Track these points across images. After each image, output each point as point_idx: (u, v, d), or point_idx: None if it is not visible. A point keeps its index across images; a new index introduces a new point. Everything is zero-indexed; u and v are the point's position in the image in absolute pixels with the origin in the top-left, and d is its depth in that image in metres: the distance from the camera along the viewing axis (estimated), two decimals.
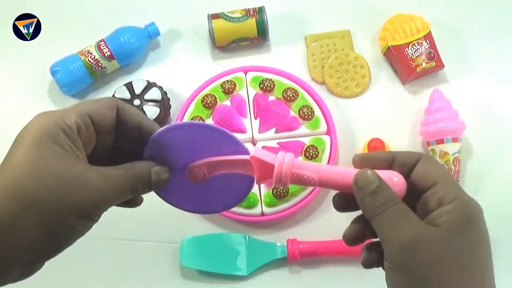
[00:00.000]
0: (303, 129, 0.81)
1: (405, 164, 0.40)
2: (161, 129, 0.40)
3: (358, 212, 0.42)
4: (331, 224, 0.79)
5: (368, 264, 0.42)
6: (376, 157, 0.41)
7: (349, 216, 0.44)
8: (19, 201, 0.33)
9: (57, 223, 0.34)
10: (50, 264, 0.38)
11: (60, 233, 0.35)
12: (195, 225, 0.80)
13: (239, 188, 0.42)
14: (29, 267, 0.36)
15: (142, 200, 0.44)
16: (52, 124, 0.35)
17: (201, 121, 0.80)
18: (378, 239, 0.39)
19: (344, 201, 0.42)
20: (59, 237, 0.35)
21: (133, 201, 0.43)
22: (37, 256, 0.35)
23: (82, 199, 0.35)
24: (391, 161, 0.41)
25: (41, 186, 0.34)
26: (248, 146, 0.41)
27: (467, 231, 0.36)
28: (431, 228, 0.36)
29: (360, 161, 0.41)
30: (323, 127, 0.81)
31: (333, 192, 0.43)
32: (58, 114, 0.36)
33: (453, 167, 0.78)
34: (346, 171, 0.40)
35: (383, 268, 0.40)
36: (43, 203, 0.34)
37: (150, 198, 0.45)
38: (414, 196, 0.39)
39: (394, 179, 0.39)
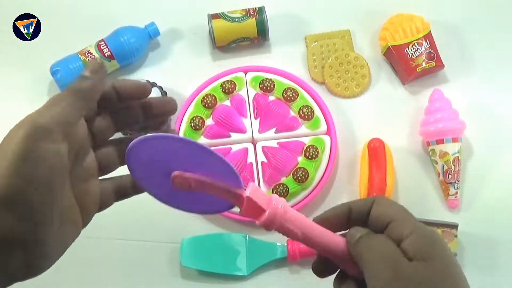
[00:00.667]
0: (303, 129, 0.81)
1: (361, 211, 0.41)
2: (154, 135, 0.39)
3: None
4: None
5: (317, 271, 0.43)
6: (334, 213, 0.42)
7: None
8: None
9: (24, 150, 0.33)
10: (55, 264, 0.38)
11: (30, 158, 0.33)
12: (195, 225, 0.80)
13: (222, 203, 0.42)
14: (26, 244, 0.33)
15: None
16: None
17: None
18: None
19: (324, 266, 0.43)
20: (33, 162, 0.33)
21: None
22: (22, 228, 0.33)
23: (42, 124, 0.34)
24: (348, 212, 0.42)
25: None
26: (249, 146, 0.41)
27: (435, 254, 0.37)
28: (407, 263, 0.37)
29: (321, 222, 0.42)
30: (323, 127, 0.81)
31: (333, 195, 0.43)
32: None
33: (453, 167, 0.78)
34: (330, 235, 0.41)
35: None
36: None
37: (150, 199, 0.45)
38: None
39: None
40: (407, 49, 0.82)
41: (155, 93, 0.80)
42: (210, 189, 0.39)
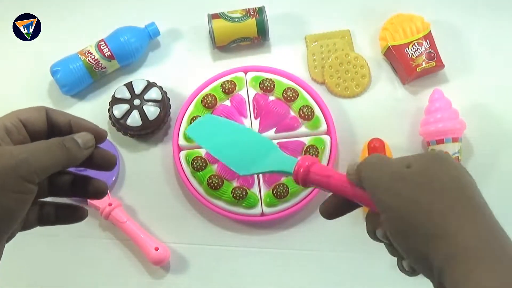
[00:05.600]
0: (303, 129, 0.81)
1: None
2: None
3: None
4: (332, 225, 0.79)
5: (370, 230, 0.43)
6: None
7: (349, 219, 0.44)
8: None
9: None
10: (50, 264, 0.38)
11: None
12: (195, 225, 0.80)
13: None
14: None
15: (87, 211, 0.45)
16: None
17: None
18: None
19: (334, 209, 0.45)
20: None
21: (77, 213, 0.44)
22: None
23: (1, 170, 0.35)
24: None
25: None
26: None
27: (437, 165, 0.38)
28: (407, 168, 0.38)
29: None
30: (323, 127, 0.81)
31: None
32: None
33: None
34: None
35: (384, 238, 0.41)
36: None
37: (151, 199, 0.45)
38: None
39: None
40: (407, 49, 0.82)
41: (155, 93, 0.80)
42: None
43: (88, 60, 0.82)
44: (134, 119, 0.79)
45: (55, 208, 0.43)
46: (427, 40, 0.82)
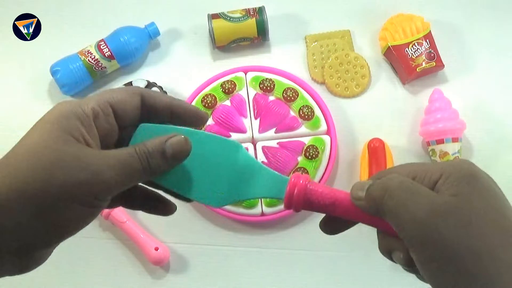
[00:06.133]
0: (303, 129, 0.81)
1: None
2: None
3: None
4: None
5: (385, 251, 0.38)
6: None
7: None
8: (8, 183, 0.31)
9: (47, 208, 0.31)
10: (49, 264, 0.38)
11: (52, 218, 0.32)
12: (195, 225, 0.80)
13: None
14: (20, 256, 0.33)
15: (175, 207, 0.41)
16: (69, 110, 0.34)
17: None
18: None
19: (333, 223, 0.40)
20: (51, 223, 0.32)
21: (164, 207, 0.41)
22: (25, 242, 0.32)
23: (74, 182, 0.32)
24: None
25: (31, 170, 0.31)
26: (249, 146, 0.40)
27: (477, 191, 0.33)
28: (441, 197, 0.33)
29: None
30: (323, 127, 0.81)
31: None
32: (78, 101, 0.35)
33: None
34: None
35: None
36: (30, 186, 0.31)
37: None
38: None
39: None
40: (407, 49, 0.82)
41: None
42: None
43: (88, 60, 0.82)
44: None
45: (144, 198, 0.40)
46: (427, 40, 0.82)
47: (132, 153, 0.34)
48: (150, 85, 0.81)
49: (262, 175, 0.38)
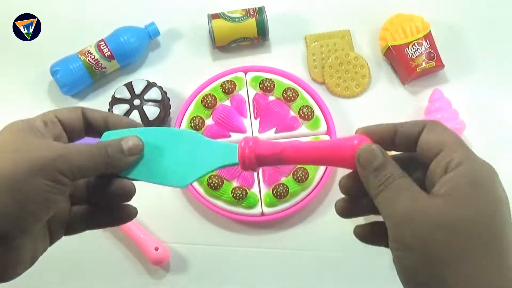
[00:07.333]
0: (303, 129, 0.81)
1: (408, 135, 0.38)
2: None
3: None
4: (332, 225, 0.79)
5: (362, 237, 0.40)
6: (377, 129, 0.40)
7: (349, 219, 0.44)
8: None
9: (17, 183, 0.34)
10: (49, 264, 0.38)
11: (22, 195, 0.35)
12: (195, 225, 0.80)
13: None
14: (4, 241, 0.35)
15: (134, 190, 0.44)
16: (20, 127, 0.38)
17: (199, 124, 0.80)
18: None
19: (348, 204, 0.41)
20: (22, 201, 0.35)
21: (124, 192, 0.44)
22: (4, 222, 0.35)
23: (40, 157, 0.35)
24: (393, 134, 0.39)
25: (1, 153, 0.36)
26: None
27: (473, 198, 0.32)
28: (430, 198, 0.33)
29: (363, 133, 0.39)
30: (323, 127, 0.81)
31: (333, 195, 0.43)
32: (26, 120, 0.39)
33: None
34: (341, 142, 0.39)
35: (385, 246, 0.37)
36: (1, 164, 0.35)
37: (151, 199, 0.45)
38: (423, 169, 0.37)
39: (354, 141, 0.38)
40: (407, 49, 0.82)
41: (155, 93, 0.80)
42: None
43: (88, 60, 0.82)
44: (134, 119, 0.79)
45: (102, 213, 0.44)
46: (427, 40, 0.82)
47: (97, 146, 0.39)
48: (150, 85, 0.81)
49: (215, 148, 0.43)
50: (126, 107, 0.79)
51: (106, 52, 0.82)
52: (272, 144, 0.41)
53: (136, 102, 0.79)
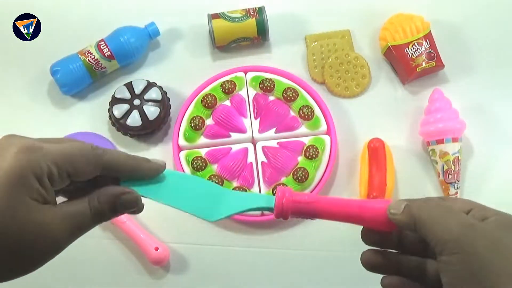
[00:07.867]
0: (303, 129, 0.81)
1: (413, 241, 0.45)
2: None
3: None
4: (332, 225, 0.79)
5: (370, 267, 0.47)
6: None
7: None
8: None
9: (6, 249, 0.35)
10: (49, 264, 0.38)
11: (12, 252, 0.36)
12: (195, 225, 0.80)
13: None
14: None
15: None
16: (27, 166, 0.35)
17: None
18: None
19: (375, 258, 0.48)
20: (9, 259, 0.36)
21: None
22: None
23: (39, 251, 0.37)
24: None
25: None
26: (249, 146, 0.43)
27: (507, 233, 0.36)
28: (479, 221, 0.37)
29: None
30: (323, 127, 0.81)
31: (333, 195, 0.44)
32: (36, 155, 0.36)
33: (453, 167, 0.78)
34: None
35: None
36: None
37: (149, 200, 0.45)
38: None
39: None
40: (407, 49, 0.82)
41: (155, 93, 0.80)
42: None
43: (88, 60, 0.82)
44: (134, 119, 0.79)
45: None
46: (427, 40, 0.82)
47: (87, 211, 0.38)
48: (150, 85, 0.81)
49: (247, 195, 0.49)
50: (126, 107, 0.79)
51: (106, 52, 0.82)
52: (307, 195, 0.45)
53: (136, 102, 0.79)
